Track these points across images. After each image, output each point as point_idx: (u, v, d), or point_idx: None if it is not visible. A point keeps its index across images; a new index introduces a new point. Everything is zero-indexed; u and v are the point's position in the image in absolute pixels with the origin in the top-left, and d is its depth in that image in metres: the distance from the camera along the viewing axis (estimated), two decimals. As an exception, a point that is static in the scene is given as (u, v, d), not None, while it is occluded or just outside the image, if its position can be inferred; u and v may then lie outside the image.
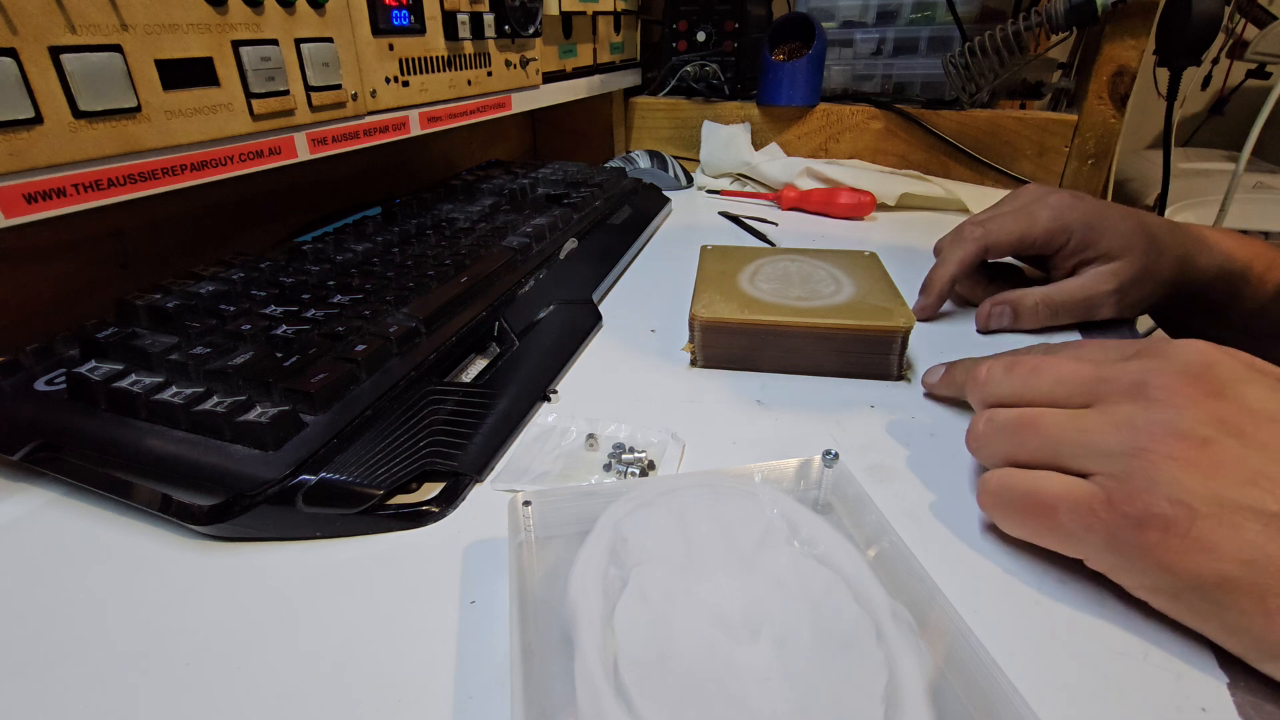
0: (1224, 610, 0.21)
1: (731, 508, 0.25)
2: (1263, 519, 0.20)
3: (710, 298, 0.40)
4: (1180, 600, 0.22)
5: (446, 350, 0.37)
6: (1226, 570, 0.20)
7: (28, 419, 0.31)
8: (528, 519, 0.25)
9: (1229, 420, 0.22)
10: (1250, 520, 0.20)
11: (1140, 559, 0.22)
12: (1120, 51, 0.70)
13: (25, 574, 0.26)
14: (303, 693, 0.21)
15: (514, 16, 0.61)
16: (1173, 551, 0.21)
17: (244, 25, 0.39)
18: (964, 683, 0.19)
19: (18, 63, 0.30)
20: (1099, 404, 0.24)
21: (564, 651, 0.21)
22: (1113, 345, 0.28)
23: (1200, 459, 0.21)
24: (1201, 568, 0.20)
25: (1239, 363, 0.24)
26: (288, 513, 0.27)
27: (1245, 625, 0.20)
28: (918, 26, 0.82)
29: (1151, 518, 0.21)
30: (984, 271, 0.48)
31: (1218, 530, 0.20)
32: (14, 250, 0.43)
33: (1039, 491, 0.24)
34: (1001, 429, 0.27)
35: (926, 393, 0.37)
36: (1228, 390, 0.23)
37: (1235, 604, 0.20)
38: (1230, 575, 0.20)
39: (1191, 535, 0.20)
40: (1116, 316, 0.43)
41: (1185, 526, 0.21)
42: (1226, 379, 0.23)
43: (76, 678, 0.22)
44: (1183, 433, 0.22)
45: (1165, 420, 0.22)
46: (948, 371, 0.36)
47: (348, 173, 0.67)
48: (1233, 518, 0.20)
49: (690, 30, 0.87)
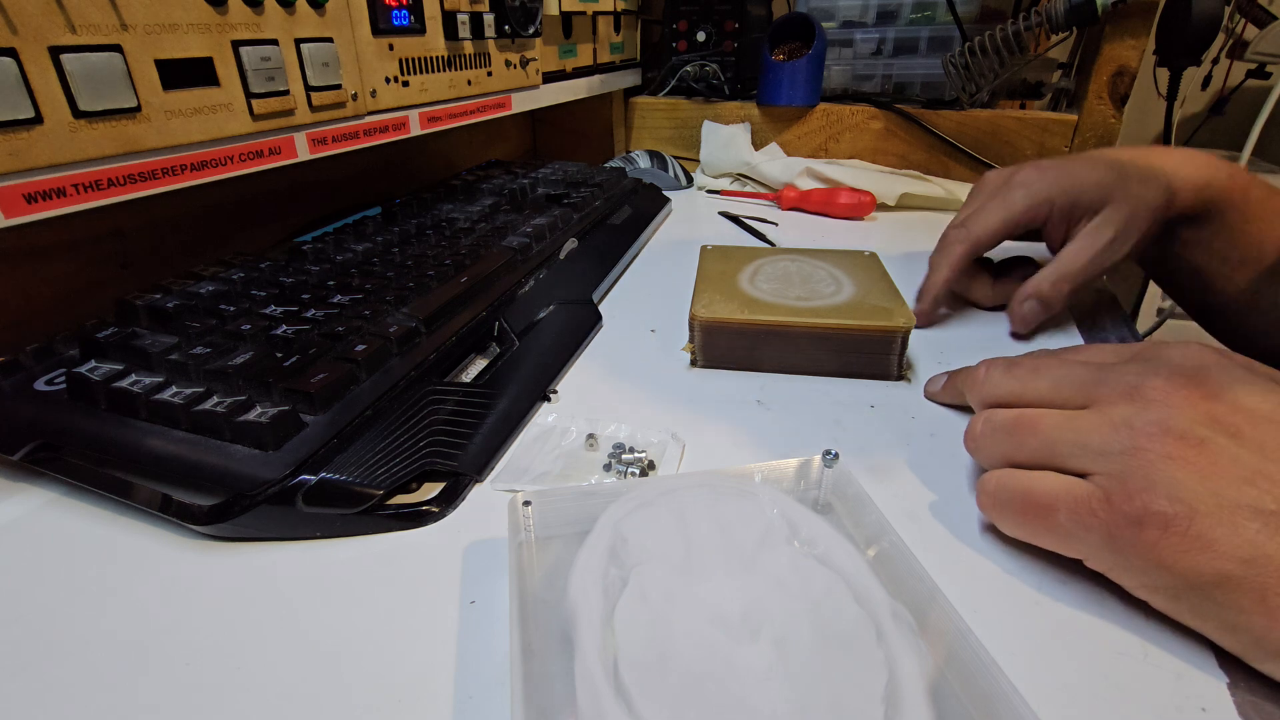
0: (1223, 609, 0.21)
1: (731, 508, 0.25)
2: (1261, 517, 0.20)
3: (710, 298, 0.40)
4: (1180, 599, 0.22)
5: (446, 350, 0.37)
6: (1226, 568, 0.20)
7: (28, 419, 0.31)
8: (528, 519, 0.25)
9: (1224, 420, 0.22)
10: (1248, 519, 0.20)
11: (1139, 558, 0.22)
12: (1120, 51, 0.70)
13: (25, 574, 0.26)
14: (303, 693, 0.21)
15: (514, 16, 0.61)
16: (1172, 550, 0.21)
17: (244, 25, 0.39)
18: (964, 683, 0.19)
19: (18, 63, 0.30)
20: (1096, 405, 0.25)
21: (564, 651, 0.20)
22: (1110, 349, 0.28)
23: (1197, 458, 0.21)
24: (1201, 566, 0.20)
25: (1234, 364, 0.24)
26: (288, 513, 0.27)
27: (1245, 624, 0.20)
28: (918, 26, 0.82)
29: (1150, 516, 0.21)
30: (989, 271, 0.48)
31: (1216, 528, 0.20)
32: (14, 250, 0.43)
33: (1037, 491, 0.24)
34: (999, 429, 0.27)
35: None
36: (1223, 391, 0.23)
37: (1235, 602, 0.20)
38: (1230, 573, 0.20)
39: (1190, 533, 0.21)
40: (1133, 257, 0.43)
41: (1184, 525, 0.21)
42: (1222, 380, 0.23)
43: (76, 678, 0.22)
44: (1179, 432, 0.22)
45: (1161, 420, 0.22)
46: (950, 380, 0.36)
47: (348, 173, 0.67)
48: (1231, 516, 0.20)
49: (690, 30, 0.87)
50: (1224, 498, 0.21)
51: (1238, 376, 0.23)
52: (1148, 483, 0.21)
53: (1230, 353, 0.25)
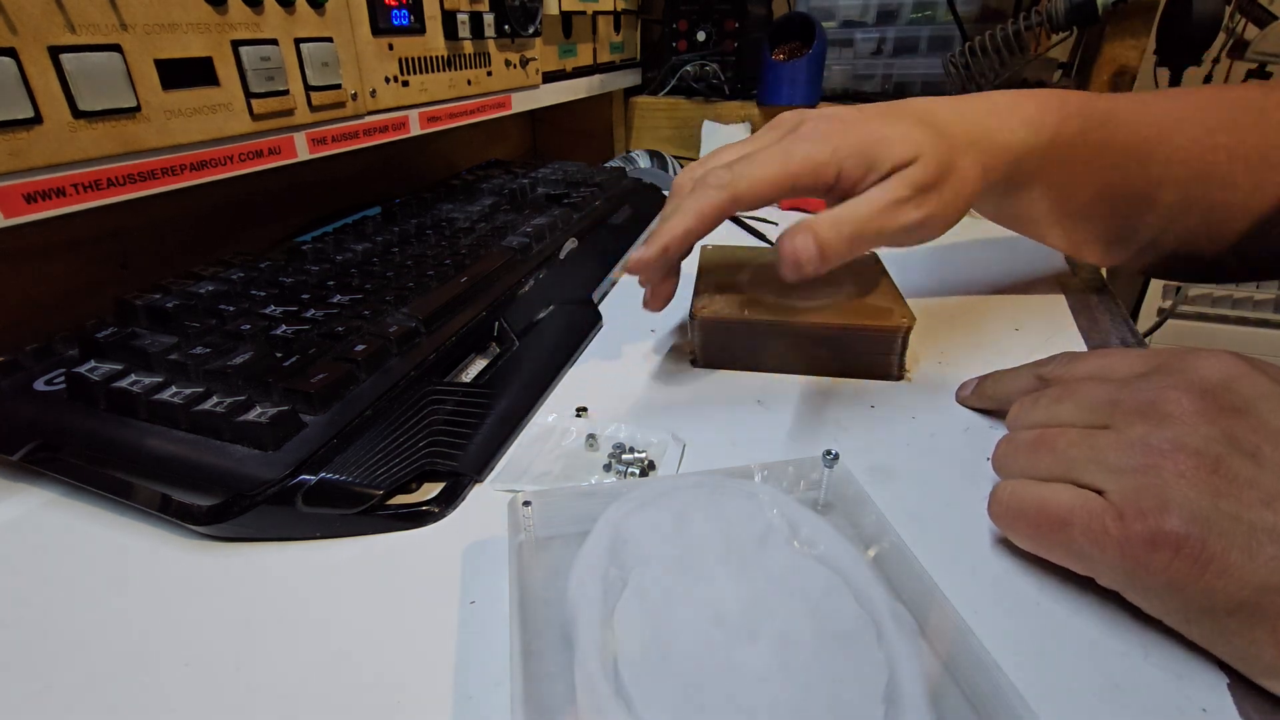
0: (1236, 637, 0.20)
1: (731, 508, 0.24)
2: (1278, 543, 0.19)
3: (710, 297, 0.40)
4: (1192, 624, 0.21)
5: (446, 350, 0.37)
6: (1240, 595, 0.19)
7: (27, 419, 0.30)
8: (528, 519, 0.25)
9: (1244, 439, 0.21)
10: (1266, 544, 0.19)
11: (1152, 579, 0.21)
12: (1121, 51, 0.70)
13: (25, 574, 0.26)
14: (302, 693, 0.21)
15: (514, 16, 0.61)
16: (1184, 573, 0.20)
17: (244, 25, 0.39)
18: (964, 683, 0.19)
19: (17, 63, 0.30)
20: (1114, 423, 0.24)
21: (564, 651, 0.20)
22: (1136, 357, 0.27)
23: (1212, 478, 0.20)
24: (1214, 591, 0.20)
25: (1265, 378, 0.22)
26: (287, 513, 0.27)
27: (1257, 654, 0.20)
28: (918, 26, 0.82)
29: (1163, 536, 0.20)
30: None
31: (1231, 553, 0.19)
32: (14, 250, 0.43)
33: (1052, 503, 0.23)
34: (1019, 448, 0.26)
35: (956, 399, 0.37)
36: (1248, 407, 0.22)
37: (1247, 632, 0.20)
38: (1244, 600, 0.19)
39: (1203, 557, 0.20)
40: (932, 220, 0.34)
41: (1197, 548, 0.20)
42: (1247, 395, 0.22)
43: (76, 678, 0.22)
44: (1194, 450, 0.21)
45: (1175, 437, 0.22)
46: (979, 386, 0.35)
47: (348, 173, 0.67)
48: (1247, 540, 0.19)
49: (690, 30, 0.87)
50: (1241, 520, 0.20)
51: (1264, 392, 0.22)
52: (1161, 502, 0.21)
53: (1263, 364, 0.23)
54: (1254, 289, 1.00)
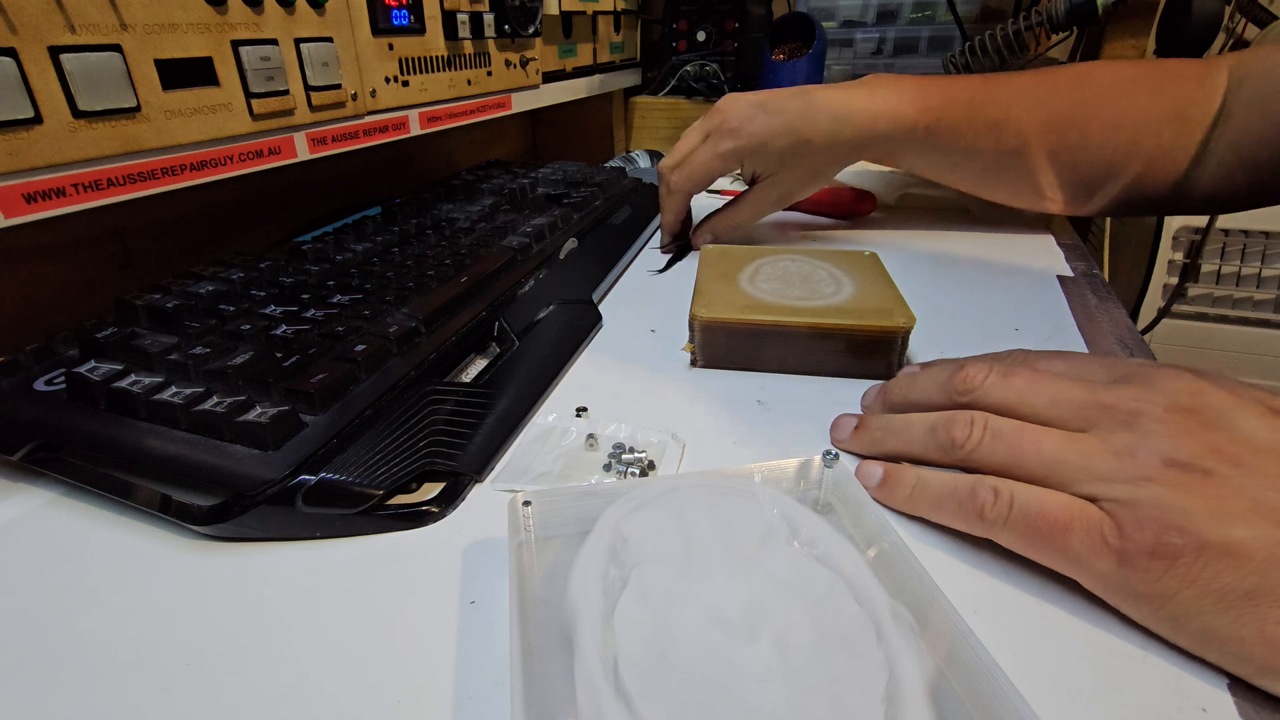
0: (1225, 640, 0.21)
1: (731, 508, 0.24)
2: (1266, 548, 0.20)
3: (710, 298, 0.40)
4: (1180, 630, 0.22)
5: (446, 350, 0.37)
6: (1229, 599, 0.20)
7: (27, 419, 0.31)
8: (528, 519, 0.25)
9: (1225, 450, 0.22)
10: (1253, 549, 0.20)
11: (1146, 588, 0.21)
12: (1121, 51, 0.70)
13: (25, 574, 0.26)
14: (302, 693, 0.21)
15: (514, 16, 0.61)
16: (1178, 580, 0.21)
17: (244, 25, 0.39)
18: (964, 683, 0.19)
19: (17, 63, 0.30)
20: (1095, 430, 0.24)
21: (564, 651, 0.20)
22: (1099, 364, 0.27)
23: (1204, 489, 0.21)
24: (1205, 597, 0.20)
25: (1225, 391, 0.24)
26: (287, 513, 0.27)
27: (1247, 655, 0.20)
28: (918, 26, 0.82)
29: (1162, 548, 0.21)
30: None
31: (1222, 559, 0.20)
32: (14, 250, 0.43)
33: (1053, 509, 0.24)
34: (1001, 438, 0.26)
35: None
36: (1220, 421, 0.23)
37: (1235, 633, 0.20)
38: (1232, 604, 0.20)
39: (1197, 565, 0.21)
40: (738, 152, 0.53)
41: (1192, 556, 0.21)
42: (1218, 408, 0.23)
43: (76, 678, 0.22)
44: (1184, 463, 0.22)
45: (1165, 450, 0.22)
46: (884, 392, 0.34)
47: (348, 173, 0.67)
48: (1238, 547, 0.20)
49: (690, 30, 0.87)
50: (1231, 528, 0.21)
51: (1232, 404, 0.23)
52: (1158, 512, 0.21)
53: (1217, 377, 0.24)
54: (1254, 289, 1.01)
